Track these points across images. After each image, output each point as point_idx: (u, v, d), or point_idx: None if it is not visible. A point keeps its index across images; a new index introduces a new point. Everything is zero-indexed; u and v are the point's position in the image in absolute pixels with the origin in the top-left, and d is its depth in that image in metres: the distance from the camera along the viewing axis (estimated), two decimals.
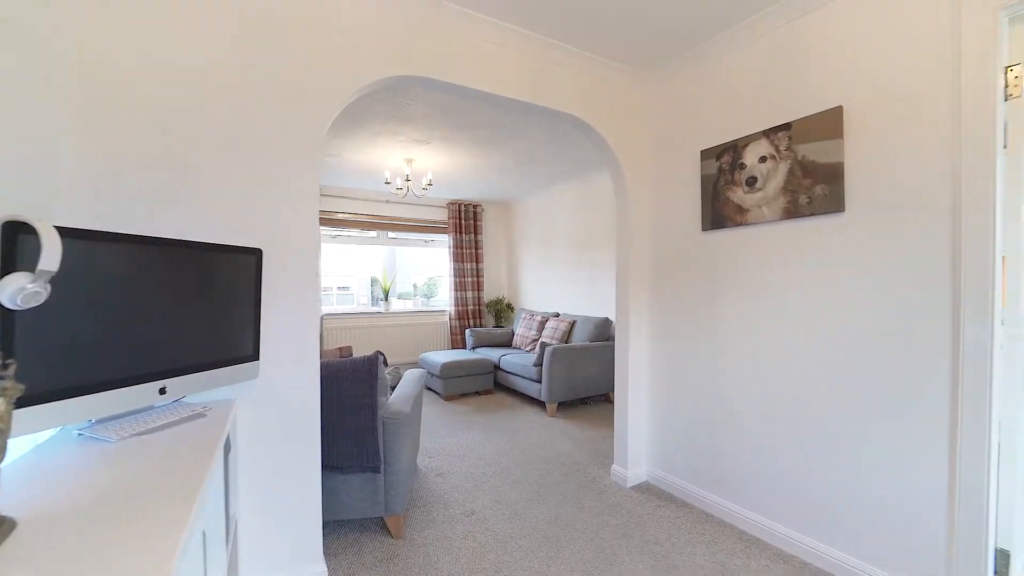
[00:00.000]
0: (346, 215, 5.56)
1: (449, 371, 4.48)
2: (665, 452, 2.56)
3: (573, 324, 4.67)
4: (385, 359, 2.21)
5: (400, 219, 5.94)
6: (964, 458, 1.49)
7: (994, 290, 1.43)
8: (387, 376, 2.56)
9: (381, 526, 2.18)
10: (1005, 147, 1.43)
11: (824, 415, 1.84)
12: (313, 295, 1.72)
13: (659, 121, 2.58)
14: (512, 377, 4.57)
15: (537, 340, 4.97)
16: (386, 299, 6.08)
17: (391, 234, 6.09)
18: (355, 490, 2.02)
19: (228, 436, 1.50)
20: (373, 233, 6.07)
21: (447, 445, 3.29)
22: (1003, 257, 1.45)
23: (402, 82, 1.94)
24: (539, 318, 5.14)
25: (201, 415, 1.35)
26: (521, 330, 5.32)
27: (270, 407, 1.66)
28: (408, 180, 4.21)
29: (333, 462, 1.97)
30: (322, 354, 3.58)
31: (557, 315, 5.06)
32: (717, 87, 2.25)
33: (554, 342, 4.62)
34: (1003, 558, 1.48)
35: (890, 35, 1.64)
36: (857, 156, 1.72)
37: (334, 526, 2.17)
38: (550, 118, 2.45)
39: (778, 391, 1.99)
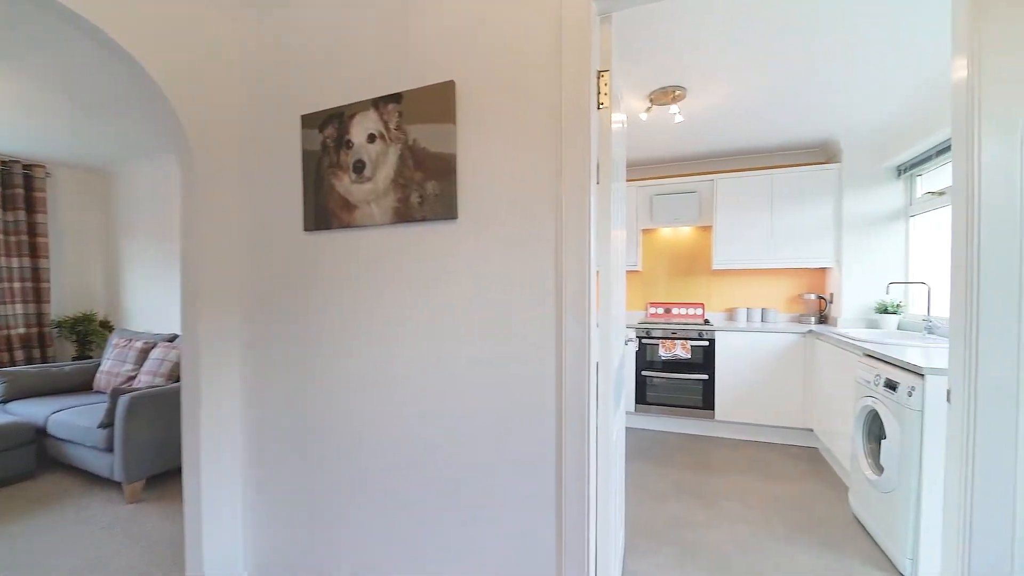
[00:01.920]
0: None
1: None
2: (269, 539, 1.75)
3: None
4: None
5: None
6: (567, 484, 1.26)
7: (590, 301, 1.25)
8: None
9: None
10: (598, 183, 1.27)
11: (451, 459, 1.42)
12: None
13: (255, 69, 1.74)
14: (70, 447, 2.85)
15: (134, 378, 3.35)
16: None
17: None
18: None
19: None
20: None
21: None
22: (597, 272, 1.31)
23: None
24: (140, 344, 3.49)
25: None
26: (109, 365, 3.51)
27: None
28: None
29: None
30: None
31: (173, 339, 3.55)
32: (325, 27, 1.59)
33: (158, 380, 3.16)
34: None
35: (501, 5, 1.31)
36: (469, 150, 1.35)
37: None
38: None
39: (400, 437, 1.49)
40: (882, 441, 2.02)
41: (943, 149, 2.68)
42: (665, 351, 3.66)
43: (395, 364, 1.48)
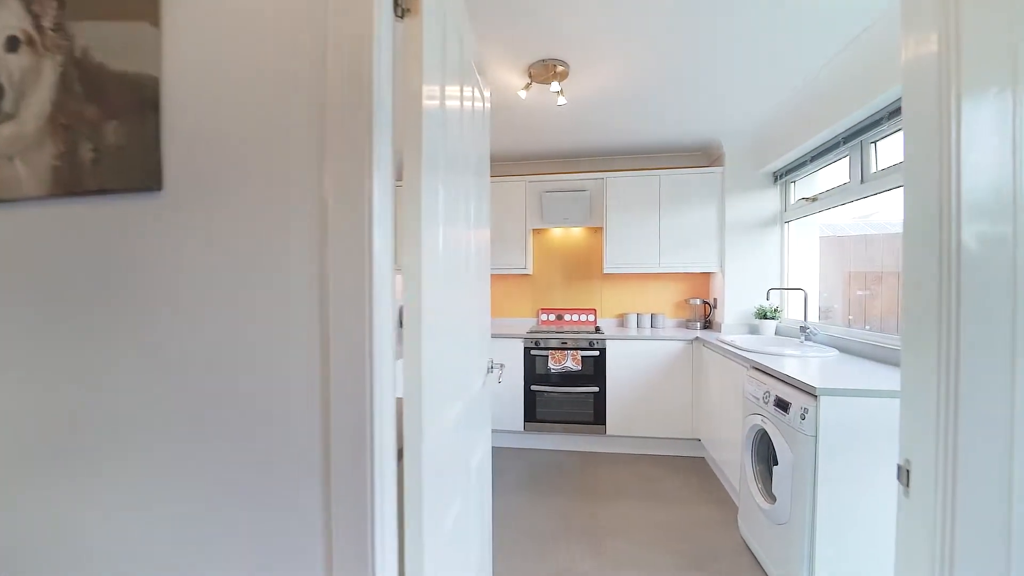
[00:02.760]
0: None
1: None
2: None
3: None
4: None
5: None
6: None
7: (372, 318, 0.75)
8: None
9: None
10: (395, 174, 0.78)
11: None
12: None
13: None
14: None
15: None
16: None
17: None
18: None
19: None
20: None
21: None
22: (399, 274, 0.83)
23: None
24: None
25: None
26: None
27: None
28: None
29: None
30: None
31: None
32: None
33: None
34: None
35: None
36: (184, 71, 0.78)
37: None
38: None
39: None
40: (773, 468, 1.82)
41: (816, 155, 2.67)
42: (555, 363, 3.33)
43: (65, 421, 0.85)
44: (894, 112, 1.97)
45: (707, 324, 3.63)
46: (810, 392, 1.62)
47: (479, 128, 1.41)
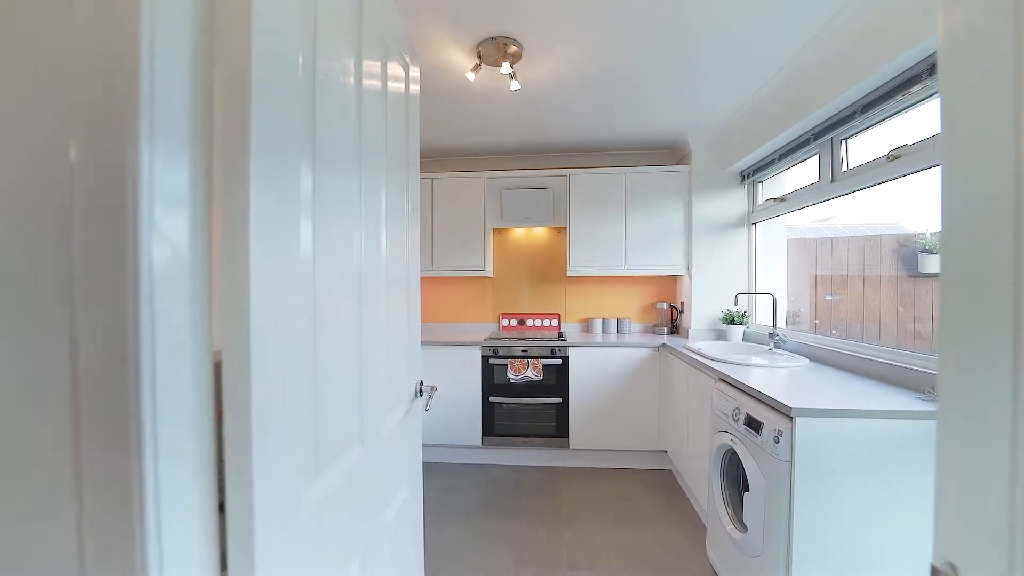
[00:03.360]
0: None
1: None
2: None
3: None
4: None
5: None
6: None
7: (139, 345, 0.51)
8: None
9: None
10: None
11: None
12: None
13: None
14: None
15: None
16: None
17: None
18: None
19: None
20: None
21: None
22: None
23: None
24: None
25: None
26: None
27: None
28: None
29: None
30: None
31: None
32: None
33: None
34: None
35: None
36: None
37: None
38: None
39: None
40: (745, 493, 1.64)
41: (785, 153, 2.54)
42: (515, 373, 3.11)
43: None
44: (868, 105, 1.84)
45: (674, 329, 3.49)
46: (785, 412, 1.45)
47: (400, 110, 1.16)
